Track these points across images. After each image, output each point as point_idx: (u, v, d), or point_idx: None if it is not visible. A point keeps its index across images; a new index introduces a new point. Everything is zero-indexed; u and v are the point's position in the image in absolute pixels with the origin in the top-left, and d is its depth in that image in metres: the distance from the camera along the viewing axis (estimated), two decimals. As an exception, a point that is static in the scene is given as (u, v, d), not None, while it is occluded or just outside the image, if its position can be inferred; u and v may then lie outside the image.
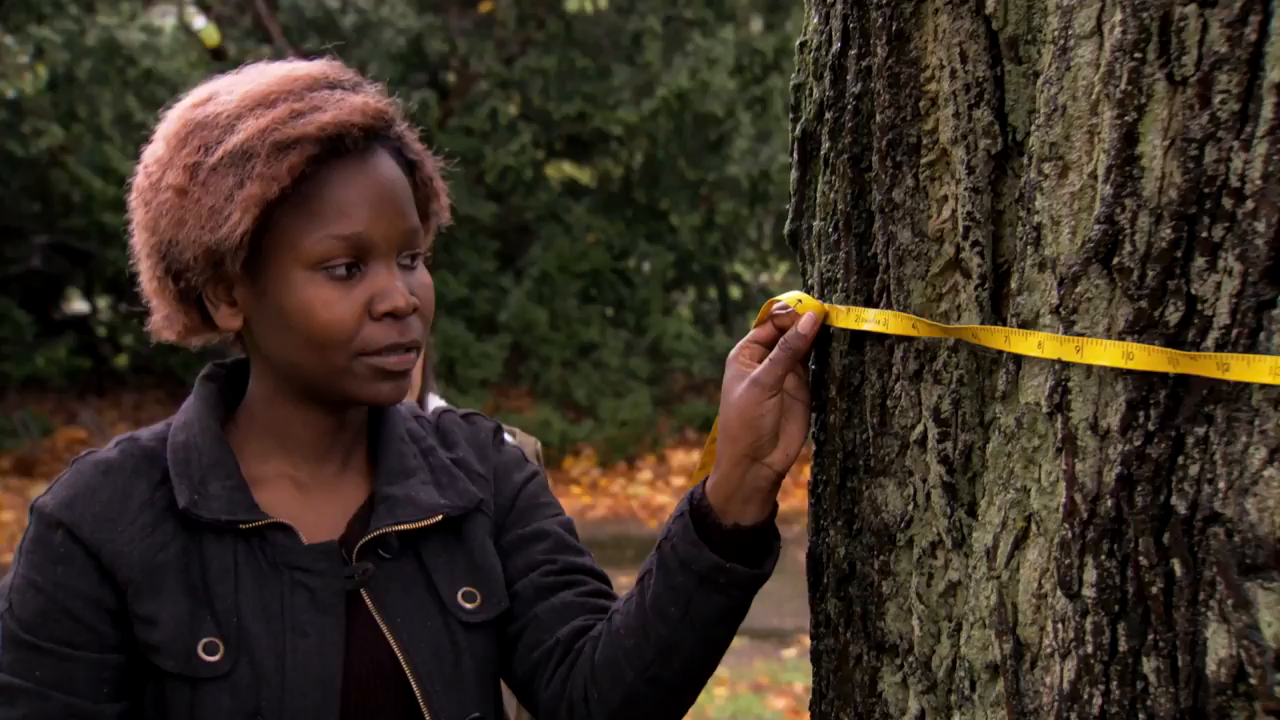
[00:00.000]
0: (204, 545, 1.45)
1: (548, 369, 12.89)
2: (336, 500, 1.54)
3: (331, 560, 1.47)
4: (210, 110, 1.45)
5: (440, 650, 1.49)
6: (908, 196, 1.34)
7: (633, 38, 12.55)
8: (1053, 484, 1.22)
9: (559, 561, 1.59)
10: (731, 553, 1.42)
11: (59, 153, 11.44)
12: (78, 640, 1.41)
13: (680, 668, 1.47)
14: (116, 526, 1.43)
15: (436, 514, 1.52)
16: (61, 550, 1.42)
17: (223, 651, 1.41)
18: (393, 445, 1.57)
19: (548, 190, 13.40)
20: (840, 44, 1.40)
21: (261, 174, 1.39)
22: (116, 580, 1.42)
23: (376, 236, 1.43)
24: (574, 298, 13.04)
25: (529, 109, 13.19)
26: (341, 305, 1.42)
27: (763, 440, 1.41)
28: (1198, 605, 1.13)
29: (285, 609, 1.44)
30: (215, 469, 1.47)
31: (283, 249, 1.43)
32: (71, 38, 10.49)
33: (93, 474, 1.47)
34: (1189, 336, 1.12)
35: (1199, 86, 1.10)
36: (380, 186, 1.44)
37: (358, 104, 1.43)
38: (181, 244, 1.43)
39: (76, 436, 13.26)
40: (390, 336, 1.44)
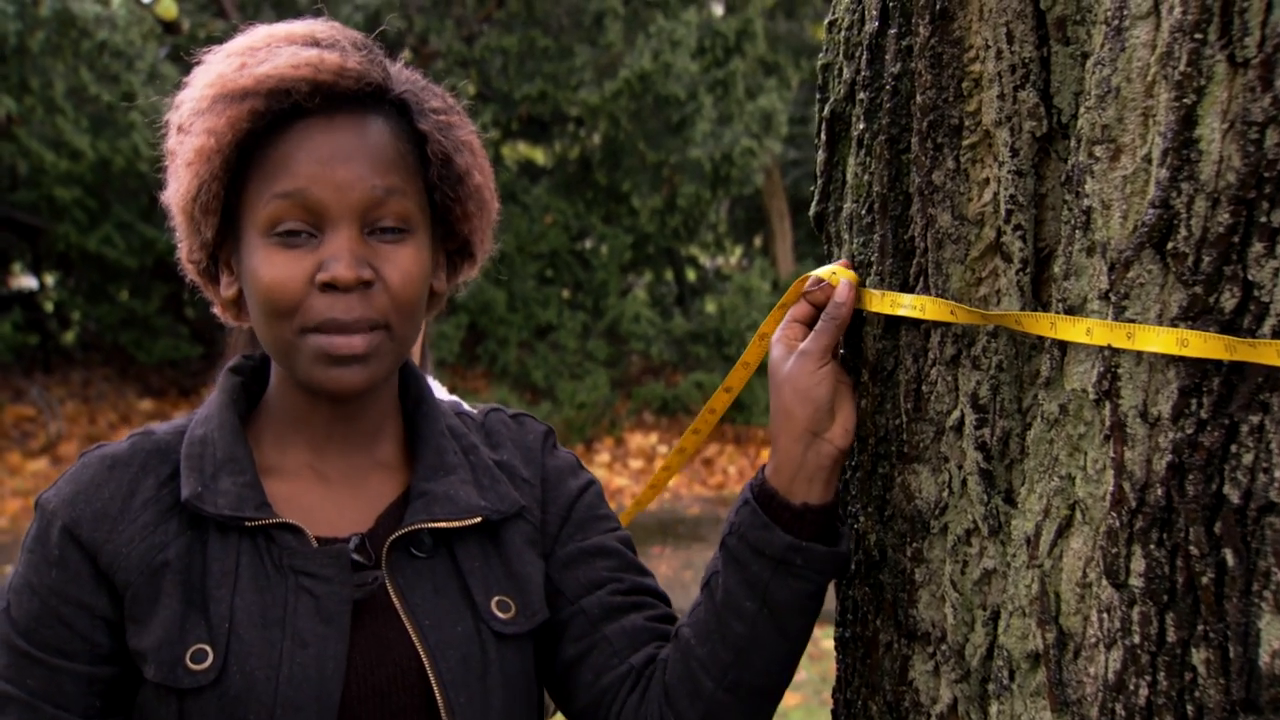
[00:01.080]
0: (208, 544, 1.36)
1: (505, 350, 12.82)
2: (363, 493, 1.46)
3: (340, 566, 1.37)
4: (195, 70, 1.40)
5: (469, 658, 1.39)
6: (948, 179, 1.32)
7: (594, 18, 12.47)
8: (1099, 471, 1.20)
9: (626, 581, 1.51)
10: (805, 533, 1.37)
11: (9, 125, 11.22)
12: (69, 649, 1.34)
13: (762, 667, 1.40)
14: (117, 525, 1.35)
15: (475, 515, 1.43)
16: (57, 551, 1.35)
17: (211, 659, 1.31)
18: (433, 440, 1.48)
19: (505, 170, 13.30)
20: (878, 23, 1.37)
21: (202, 128, 1.34)
22: (114, 584, 1.34)
23: (325, 196, 1.33)
24: (532, 279, 12.98)
25: (488, 89, 13.08)
26: (284, 269, 1.33)
27: (821, 412, 1.37)
28: (1250, 596, 1.11)
29: (287, 616, 1.34)
30: (229, 464, 1.39)
31: (244, 214, 1.37)
32: (24, 8, 10.28)
33: (98, 468, 1.39)
34: (1244, 323, 1.11)
35: (1261, 68, 1.08)
36: (338, 144, 1.34)
37: (310, 58, 1.33)
38: (174, 214, 1.41)
39: (24, 414, 13.05)
40: (330, 310, 1.33)
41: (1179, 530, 1.14)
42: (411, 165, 1.39)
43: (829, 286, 1.42)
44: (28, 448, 12.18)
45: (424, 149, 1.41)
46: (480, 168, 1.45)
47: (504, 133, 13.69)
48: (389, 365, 1.39)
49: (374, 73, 1.37)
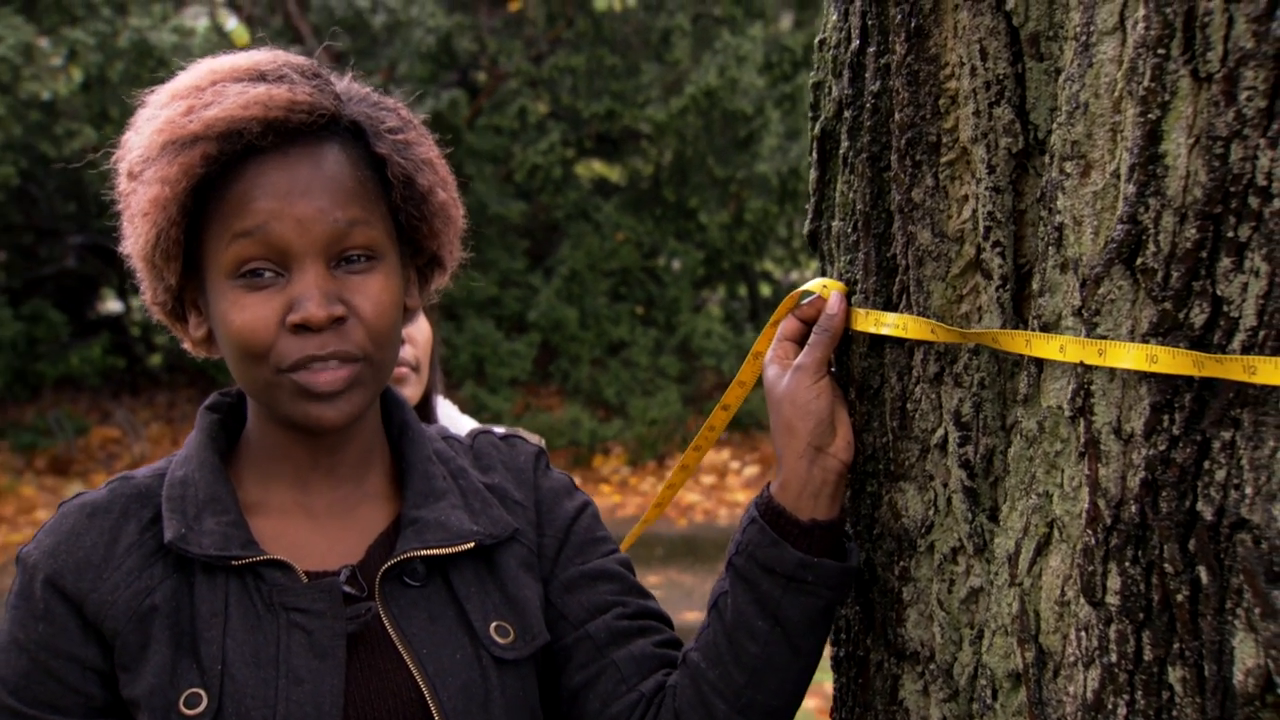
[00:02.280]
0: (195, 586, 1.34)
1: (577, 367, 12.86)
2: (353, 525, 1.44)
3: (332, 599, 1.35)
4: (139, 113, 1.37)
5: (470, 685, 1.37)
6: (927, 196, 1.32)
7: (661, 35, 12.50)
8: (1075, 489, 1.19)
9: (631, 605, 1.49)
10: (815, 549, 1.37)
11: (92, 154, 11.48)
12: (63, 704, 1.33)
13: (775, 687, 1.39)
14: (101, 573, 1.33)
15: (468, 541, 1.41)
16: (42, 606, 1.33)
17: (205, 703, 1.29)
18: (419, 466, 1.46)
19: (577, 189, 13.37)
20: (859, 41, 1.38)
21: (154, 177, 1.31)
22: (103, 633, 1.32)
23: (287, 233, 1.30)
24: (603, 296, 13.01)
25: (558, 107, 13.16)
26: (253, 313, 1.31)
27: (822, 426, 1.37)
28: (1224, 613, 1.10)
29: (280, 653, 1.32)
30: (211, 504, 1.37)
31: (206, 257, 1.35)
32: (104, 39, 10.53)
33: (78, 518, 1.36)
34: (1215, 338, 1.10)
35: (1224, 83, 1.07)
36: (295, 179, 1.31)
37: (259, 95, 1.30)
38: (135, 262, 1.38)
39: (110, 435, 13.35)
40: (304, 349, 1.31)
41: (1153, 548, 1.13)
42: (373, 191, 1.37)
43: (820, 300, 1.43)
44: (113, 469, 12.45)
45: (384, 172, 1.38)
46: (443, 183, 1.43)
47: (578, 151, 13.77)
48: (370, 396, 1.37)
49: (325, 102, 1.34)
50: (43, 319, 13.00)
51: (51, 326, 13.06)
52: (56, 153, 11.04)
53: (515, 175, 12.61)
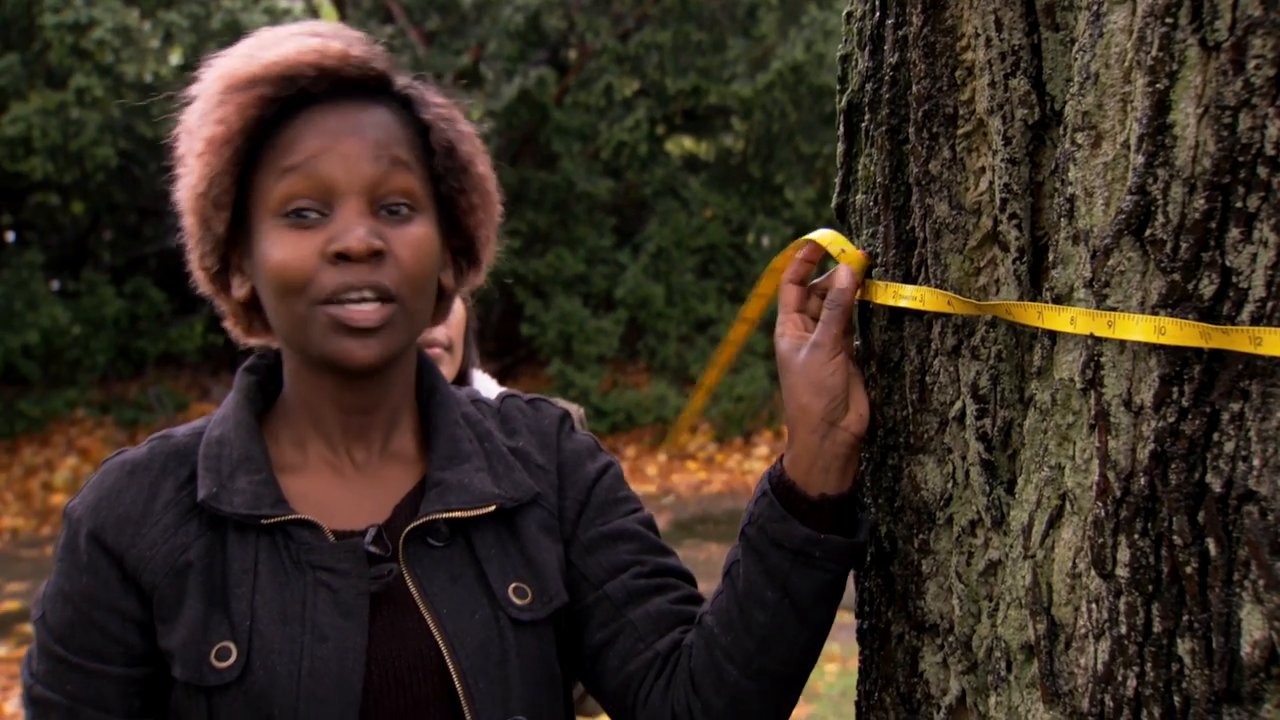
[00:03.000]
0: (227, 543, 1.39)
1: (664, 344, 12.90)
2: (380, 485, 1.47)
3: (357, 559, 1.39)
4: (202, 73, 1.44)
5: (488, 645, 1.41)
6: (944, 169, 1.32)
7: (748, 10, 12.46)
8: (1086, 461, 1.19)
9: (649, 564, 1.52)
10: (823, 524, 1.38)
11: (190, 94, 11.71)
12: (105, 653, 1.38)
13: (784, 656, 1.41)
14: (140, 529, 1.38)
15: (490, 504, 1.45)
16: (86, 558, 1.38)
17: (235, 657, 1.34)
18: (446, 429, 1.50)
19: (664, 165, 13.38)
20: (879, 13, 1.38)
21: (212, 119, 1.37)
22: (141, 586, 1.37)
23: (333, 169, 1.36)
24: (690, 273, 13.03)
25: (645, 84, 13.18)
26: (296, 246, 1.35)
27: (836, 402, 1.38)
28: (1232, 586, 1.09)
29: (306, 611, 1.36)
30: (245, 463, 1.41)
31: (256, 203, 1.39)
32: (198, 21, 10.76)
33: (119, 474, 1.42)
34: (1224, 309, 1.09)
35: (1233, 52, 1.06)
36: (345, 126, 1.37)
37: (315, 45, 1.37)
38: (184, 214, 1.43)
39: (210, 411, 13.65)
40: (341, 278, 1.35)
41: (1163, 520, 1.13)
42: (416, 150, 1.43)
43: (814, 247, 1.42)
44: (211, 443, 12.72)
45: (427, 139, 1.44)
46: (483, 160, 1.48)
47: (667, 128, 13.77)
48: (402, 341, 1.40)
49: (378, 62, 1.41)
50: (145, 297, 13.33)
51: (153, 304, 13.39)
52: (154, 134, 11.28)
53: (602, 153, 12.65)
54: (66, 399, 12.60)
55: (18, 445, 12.41)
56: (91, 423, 12.93)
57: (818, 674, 6.76)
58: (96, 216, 14.47)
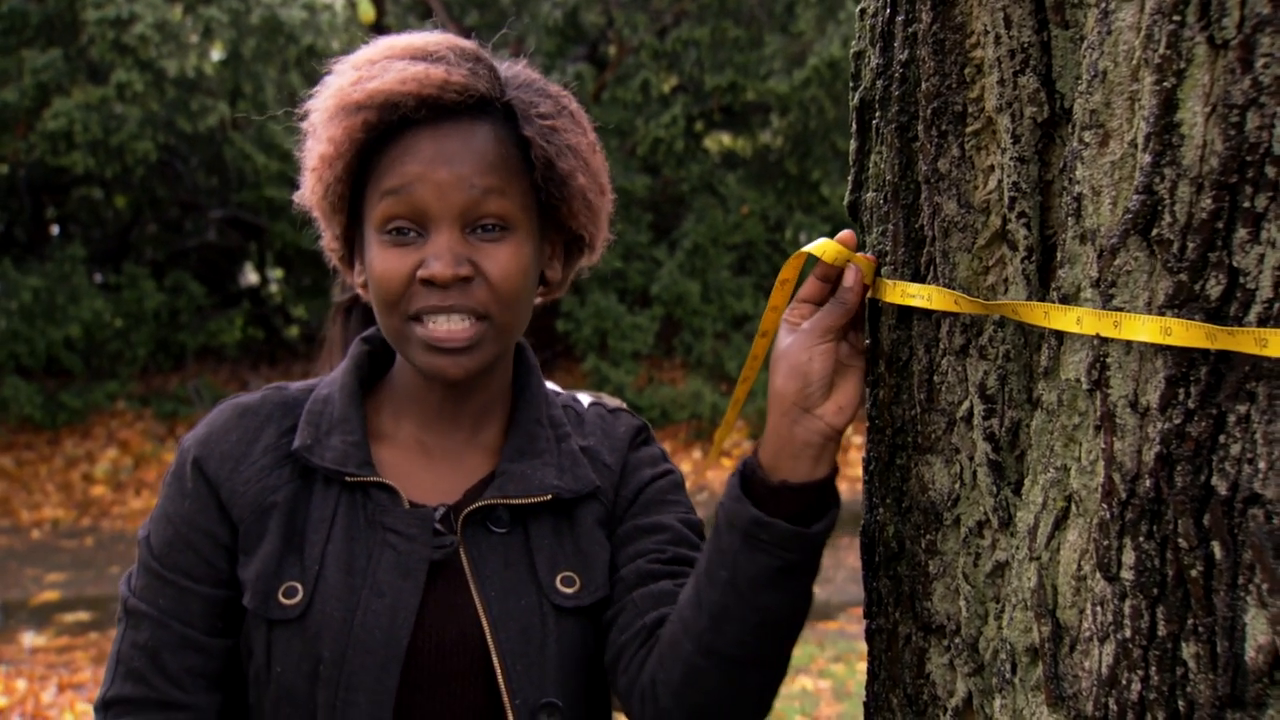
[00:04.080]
0: (312, 493, 1.52)
1: (700, 341, 12.89)
2: (460, 468, 1.58)
3: (424, 527, 1.50)
4: (326, 79, 1.55)
5: (529, 630, 1.49)
6: (953, 166, 1.31)
7: (786, 6, 12.43)
8: (1092, 463, 1.18)
9: (669, 552, 1.57)
10: (777, 510, 1.37)
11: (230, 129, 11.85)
12: (196, 573, 1.51)
13: (734, 637, 1.41)
14: (239, 466, 1.52)
15: (547, 494, 1.54)
16: (190, 485, 1.53)
17: (300, 596, 1.47)
18: (525, 426, 1.60)
19: (701, 162, 13.36)
20: (889, 9, 1.37)
21: (324, 136, 1.49)
22: (231, 517, 1.51)
23: (427, 195, 1.46)
24: (726, 269, 13.00)
25: (682, 80, 13.16)
26: (393, 264, 1.47)
27: (811, 388, 1.37)
28: (1237, 590, 1.08)
29: (370, 566, 1.48)
30: (343, 423, 1.54)
31: (365, 212, 1.52)
32: (237, 16, 10.84)
33: (230, 414, 1.57)
34: (1231, 310, 1.07)
35: (1241, 50, 1.05)
36: (440, 149, 1.46)
37: (415, 73, 1.46)
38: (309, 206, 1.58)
39: (247, 405, 13.75)
40: (427, 300, 1.46)
41: (1168, 522, 1.12)
42: (515, 167, 1.51)
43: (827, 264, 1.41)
44: (250, 436, 12.81)
45: (528, 153, 1.52)
46: (585, 169, 1.55)
47: (705, 124, 13.74)
48: (492, 354, 1.51)
49: (478, 84, 1.49)
50: (185, 291, 13.45)
51: (193, 298, 13.51)
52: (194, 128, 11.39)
53: (639, 149, 12.64)
54: (107, 391, 12.74)
55: (59, 437, 12.55)
56: (132, 415, 13.06)
57: (849, 672, 6.73)
58: (138, 210, 14.62)
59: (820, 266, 1.42)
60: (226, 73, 11.20)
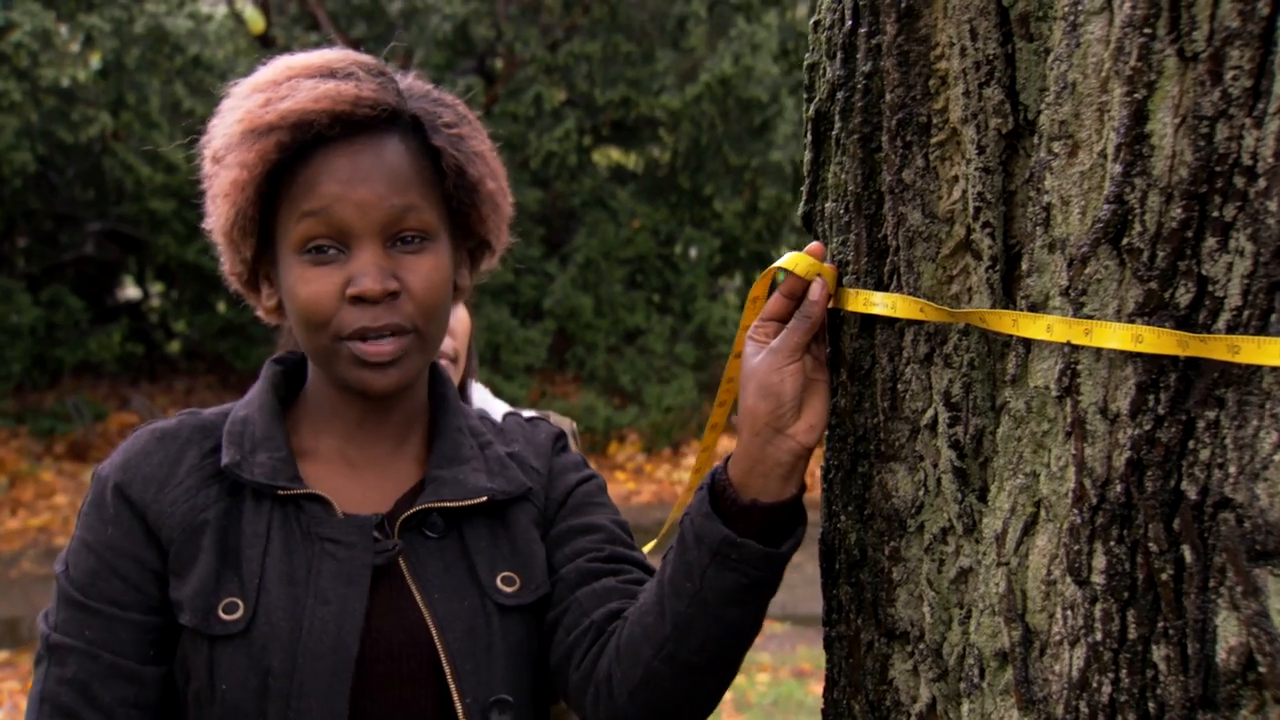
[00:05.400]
0: (243, 510, 1.50)
1: (593, 355, 12.87)
2: (387, 479, 1.58)
3: (363, 534, 1.50)
4: (223, 103, 1.52)
5: (474, 629, 1.50)
6: (918, 177, 1.32)
7: (677, 22, 12.48)
8: (1062, 469, 1.20)
9: (606, 551, 1.60)
10: (748, 529, 1.39)
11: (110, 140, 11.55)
12: (124, 600, 1.47)
13: (696, 647, 1.43)
14: (164, 488, 1.49)
15: (481, 495, 1.55)
16: (112, 511, 1.49)
17: (241, 611, 1.45)
18: (449, 434, 1.61)
19: (593, 176, 13.36)
20: (851, 21, 1.38)
21: (234, 161, 1.47)
22: (160, 540, 1.48)
23: (348, 215, 1.45)
24: (619, 284, 13.01)
25: (574, 94, 13.16)
26: (317, 285, 1.46)
27: (783, 409, 1.38)
28: (1208, 592, 1.10)
29: (311, 576, 1.47)
30: (266, 441, 1.53)
31: (278, 234, 1.50)
32: (120, 25, 10.57)
33: (149, 439, 1.54)
34: (1200, 318, 1.10)
35: (1210, 63, 1.07)
36: (357, 166, 1.45)
37: (328, 90, 1.45)
38: (214, 236, 1.55)
39: (129, 421, 13.40)
40: (360, 320, 1.46)
41: (1138, 527, 1.14)
42: (428, 178, 1.51)
43: (796, 278, 1.42)
44: (131, 454, 12.50)
45: (439, 162, 1.52)
46: (492, 174, 1.57)
47: (595, 138, 13.75)
48: (418, 365, 1.52)
49: (387, 98, 1.48)
50: (62, 305, 13.06)
51: (70, 313, 13.12)
52: (74, 139, 11.08)
53: (531, 163, 12.61)
54: (-20, 409, 12.32)
55: (-70, 456, 12.09)
56: (6, 432, 12.64)
57: (749, 683, 6.77)
58: (12, 223, 14.16)
59: (787, 283, 1.43)
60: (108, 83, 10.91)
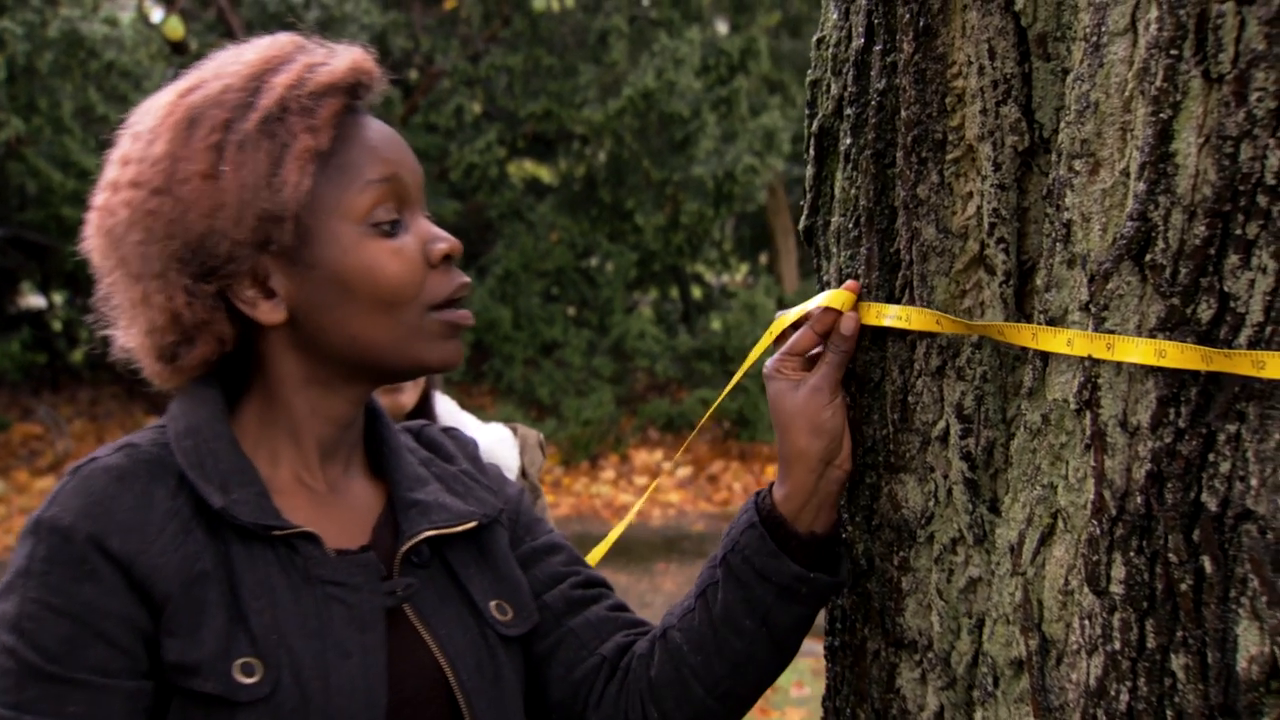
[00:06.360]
0: (232, 555, 1.32)
1: (510, 367, 12.84)
2: (351, 506, 1.44)
3: (369, 574, 1.36)
4: (211, 90, 1.34)
5: (482, 663, 1.41)
6: (932, 193, 1.34)
7: (599, 36, 12.52)
8: (1080, 480, 1.22)
9: (581, 574, 1.55)
10: (811, 562, 1.41)
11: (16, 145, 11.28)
12: (113, 666, 1.26)
13: (754, 681, 1.45)
14: (146, 536, 1.28)
15: (471, 520, 1.45)
16: (88, 566, 1.26)
17: (261, 673, 1.27)
18: (401, 451, 1.49)
19: (511, 188, 13.34)
20: (864, 39, 1.40)
21: (307, 126, 1.32)
22: (152, 596, 1.27)
23: (408, 181, 1.38)
24: (537, 296, 13.00)
25: (494, 107, 13.13)
26: (403, 257, 1.34)
27: (835, 443, 1.42)
28: (1228, 602, 1.13)
29: (323, 626, 1.31)
30: (236, 475, 1.35)
31: (326, 212, 1.34)
32: (33, 29, 10.33)
33: (106, 481, 1.30)
34: (1221, 334, 1.13)
35: (1235, 84, 1.10)
36: (390, 135, 1.40)
37: (359, 56, 1.39)
38: (218, 234, 1.32)
39: (32, 432, 13.08)
40: (453, 283, 1.38)
41: (1158, 538, 1.16)
42: None
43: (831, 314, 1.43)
44: (35, 466, 12.21)
45: None
46: None
47: (510, 150, 13.73)
48: None
49: None
50: (-38, 313, 12.73)
51: (-30, 321, 12.79)
52: (-17, 143, 10.81)
53: (451, 174, 12.55)
54: (-124, 419, 11.94)
55: None
56: (-96, 444, 12.28)
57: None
58: (-90, 228, 13.79)
59: (819, 320, 1.44)
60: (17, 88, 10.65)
